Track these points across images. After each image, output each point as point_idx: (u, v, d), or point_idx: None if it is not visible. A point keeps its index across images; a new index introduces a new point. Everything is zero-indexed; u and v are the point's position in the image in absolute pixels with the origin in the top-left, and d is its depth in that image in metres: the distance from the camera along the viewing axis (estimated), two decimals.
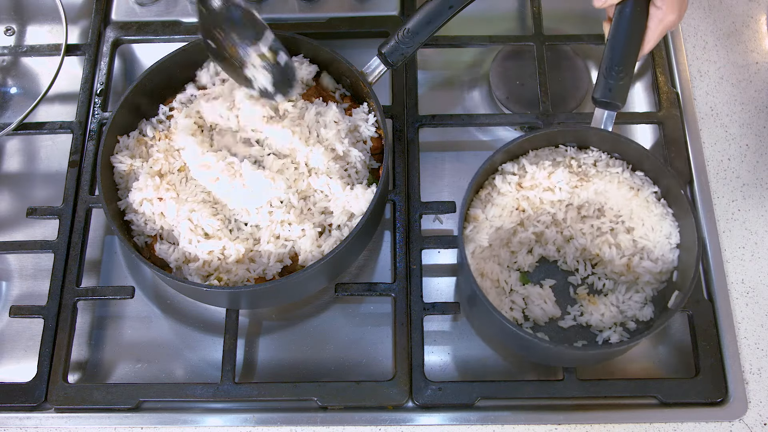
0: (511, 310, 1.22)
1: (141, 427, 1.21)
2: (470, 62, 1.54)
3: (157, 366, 1.28)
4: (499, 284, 1.23)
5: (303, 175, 1.24)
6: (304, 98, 1.32)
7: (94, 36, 1.51)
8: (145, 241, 1.25)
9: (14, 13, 1.62)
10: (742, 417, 1.19)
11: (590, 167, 1.24)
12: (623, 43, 1.23)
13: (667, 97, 1.42)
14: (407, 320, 1.24)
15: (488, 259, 1.24)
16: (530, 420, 1.19)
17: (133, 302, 1.32)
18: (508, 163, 1.26)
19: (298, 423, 1.20)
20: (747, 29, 1.52)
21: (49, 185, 1.44)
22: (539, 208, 1.24)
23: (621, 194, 1.23)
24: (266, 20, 1.52)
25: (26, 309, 1.27)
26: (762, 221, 1.34)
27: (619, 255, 1.22)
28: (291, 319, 1.31)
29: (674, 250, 1.21)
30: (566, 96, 1.45)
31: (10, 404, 1.22)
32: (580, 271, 1.26)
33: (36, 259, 1.37)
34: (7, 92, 1.54)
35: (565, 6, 1.57)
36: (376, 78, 1.30)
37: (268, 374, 1.27)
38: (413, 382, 1.20)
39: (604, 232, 1.25)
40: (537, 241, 1.27)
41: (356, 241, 1.18)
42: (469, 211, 1.23)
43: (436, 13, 1.26)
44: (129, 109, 1.30)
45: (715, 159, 1.39)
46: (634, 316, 1.21)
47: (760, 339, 1.25)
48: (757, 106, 1.44)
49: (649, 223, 1.22)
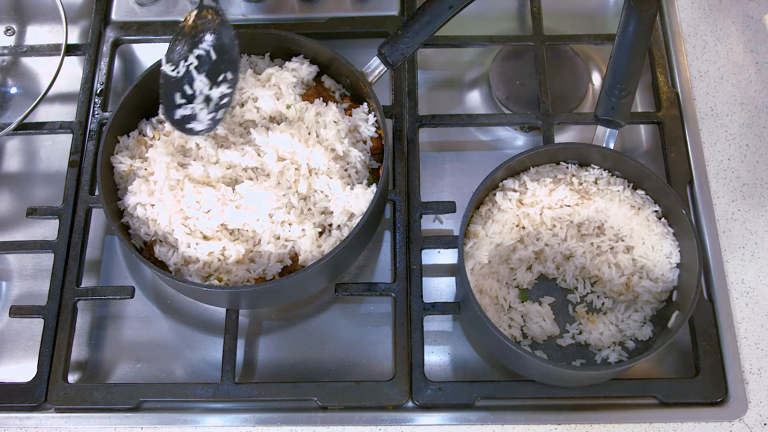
0: (509, 328, 1.21)
1: (141, 427, 1.21)
2: (470, 62, 1.54)
3: (157, 366, 1.28)
4: (497, 301, 1.23)
5: (304, 176, 1.24)
6: (304, 99, 1.32)
7: (94, 36, 1.51)
8: (144, 241, 1.25)
9: (14, 13, 1.62)
10: (742, 417, 1.19)
11: (591, 185, 1.24)
12: (626, 61, 1.24)
13: (667, 97, 1.42)
14: (407, 320, 1.24)
15: (487, 275, 1.23)
16: (530, 420, 1.19)
17: (133, 302, 1.32)
18: (509, 180, 1.26)
19: (298, 423, 1.21)
20: (747, 29, 1.52)
21: (49, 185, 1.44)
22: (540, 225, 1.24)
23: (622, 213, 1.22)
24: (266, 20, 1.54)
25: (26, 309, 1.27)
26: (762, 221, 1.34)
27: (619, 274, 1.22)
28: (291, 319, 1.31)
29: (674, 269, 1.20)
30: (566, 96, 1.45)
31: (10, 404, 1.22)
32: (579, 290, 1.26)
33: (36, 259, 1.37)
34: (7, 92, 1.54)
35: (565, 6, 1.57)
36: (376, 78, 1.30)
37: (268, 374, 1.27)
38: (413, 382, 1.20)
39: (603, 251, 1.24)
40: (536, 259, 1.27)
41: (356, 241, 1.18)
42: (469, 227, 1.22)
43: (436, 13, 1.26)
44: (129, 109, 1.30)
45: (715, 159, 1.39)
46: (633, 335, 1.21)
47: (760, 339, 1.25)
48: (757, 106, 1.44)
49: (650, 242, 1.21)
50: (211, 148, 1.26)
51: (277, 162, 1.24)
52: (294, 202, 1.22)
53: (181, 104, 1.23)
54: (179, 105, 1.24)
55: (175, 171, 1.22)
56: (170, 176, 1.22)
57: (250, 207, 1.20)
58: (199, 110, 1.23)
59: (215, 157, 1.26)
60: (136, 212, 1.23)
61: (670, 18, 1.51)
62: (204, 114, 1.23)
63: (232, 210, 1.20)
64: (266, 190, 1.20)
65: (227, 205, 1.20)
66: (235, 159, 1.25)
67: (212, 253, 1.19)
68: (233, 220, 1.21)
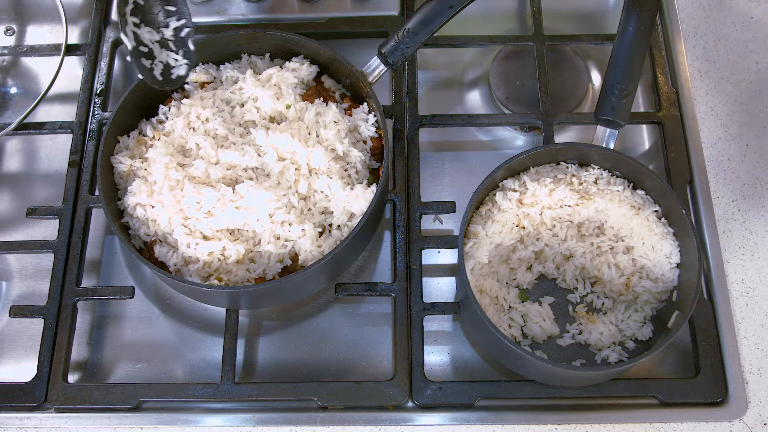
0: (509, 328, 1.21)
1: (141, 427, 1.21)
2: (470, 62, 1.54)
3: (157, 366, 1.28)
4: (497, 301, 1.23)
5: (304, 176, 1.24)
6: (304, 99, 1.32)
7: (94, 36, 1.52)
8: (144, 241, 1.25)
9: (14, 13, 1.62)
10: (742, 417, 1.19)
11: (591, 185, 1.24)
12: (626, 61, 1.24)
13: (667, 97, 1.42)
14: (407, 320, 1.24)
15: (487, 275, 1.23)
16: (530, 420, 1.19)
17: (133, 302, 1.32)
18: (509, 180, 1.26)
19: (298, 423, 1.21)
20: (747, 29, 1.52)
21: (49, 185, 1.44)
22: (540, 225, 1.24)
23: (622, 213, 1.22)
24: (266, 20, 1.54)
25: (26, 309, 1.27)
26: (762, 221, 1.34)
27: (619, 274, 1.22)
28: (291, 319, 1.31)
29: (674, 269, 1.20)
30: (566, 96, 1.45)
31: (10, 404, 1.22)
32: (579, 290, 1.26)
33: (36, 259, 1.37)
34: (7, 92, 1.54)
35: (565, 6, 1.57)
36: (376, 78, 1.30)
37: (268, 374, 1.27)
38: (413, 382, 1.20)
39: (603, 251, 1.24)
40: (536, 259, 1.27)
41: (356, 241, 1.18)
42: (469, 227, 1.22)
43: (436, 13, 1.26)
44: (129, 109, 1.30)
45: (715, 159, 1.39)
46: (633, 335, 1.20)
47: (760, 339, 1.25)
48: (757, 106, 1.44)
49: (650, 243, 1.21)
50: (211, 149, 1.26)
51: (277, 162, 1.24)
52: (294, 202, 1.22)
53: (151, 65, 1.22)
54: (151, 68, 1.22)
55: (174, 171, 1.22)
56: (170, 176, 1.22)
57: (250, 207, 1.20)
58: (168, 57, 1.22)
59: (215, 157, 1.26)
60: (135, 212, 1.23)
61: (670, 18, 1.51)
62: (174, 57, 1.22)
63: (232, 210, 1.20)
64: (266, 190, 1.20)
65: (227, 205, 1.20)
66: (235, 159, 1.25)
67: (212, 253, 1.19)
68: (233, 221, 1.21)
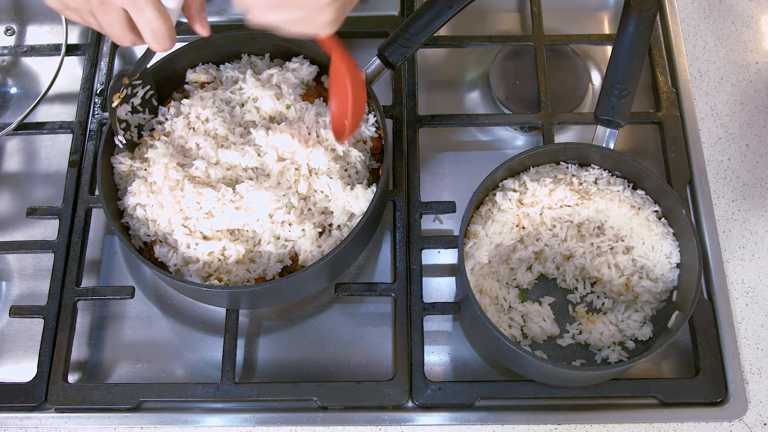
0: (509, 328, 1.21)
1: (141, 427, 1.21)
2: (470, 62, 1.54)
3: (157, 366, 1.28)
4: (497, 301, 1.23)
5: (304, 176, 1.24)
6: (304, 99, 1.32)
7: (94, 36, 1.51)
8: (144, 241, 1.25)
9: (14, 13, 1.62)
10: (742, 417, 1.19)
11: (591, 185, 1.24)
12: (626, 61, 1.24)
13: (667, 97, 1.42)
14: (407, 320, 1.24)
15: (487, 275, 1.23)
16: (530, 420, 1.19)
17: (133, 302, 1.32)
18: (509, 180, 1.26)
19: (298, 423, 1.21)
20: (747, 29, 1.52)
21: (49, 185, 1.44)
22: (540, 225, 1.24)
23: (622, 213, 1.22)
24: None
25: (26, 309, 1.27)
26: (762, 221, 1.34)
27: (619, 274, 1.22)
28: (291, 319, 1.31)
29: (674, 269, 1.20)
30: (566, 96, 1.45)
31: (10, 404, 1.22)
32: (579, 290, 1.25)
33: (36, 259, 1.37)
34: (7, 92, 1.54)
35: (565, 6, 1.57)
36: (376, 78, 1.30)
37: (268, 374, 1.27)
38: (413, 382, 1.20)
39: (603, 251, 1.24)
40: (536, 259, 1.27)
41: (356, 241, 1.18)
42: (469, 227, 1.22)
43: (436, 13, 1.26)
44: None
45: (715, 159, 1.39)
46: (633, 335, 1.20)
47: (760, 339, 1.25)
48: (757, 106, 1.44)
49: (650, 243, 1.21)
50: (211, 149, 1.26)
51: (277, 162, 1.24)
52: (294, 203, 1.22)
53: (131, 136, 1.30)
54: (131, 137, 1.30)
55: (174, 171, 1.22)
56: (170, 177, 1.22)
57: (250, 207, 1.20)
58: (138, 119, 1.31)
59: (215, 157, 1.26)
60: (135, 213, 1.23)
61: (670, 18, 1.51)
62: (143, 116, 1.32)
63: (232, 210, 1.20)
64: (266, 190, 1.20)
65: (227, 205, 1.20)
66: (235, 159, 1.25)
67: (212, 254, 1.19)
68: (233, 221, 1.21)
